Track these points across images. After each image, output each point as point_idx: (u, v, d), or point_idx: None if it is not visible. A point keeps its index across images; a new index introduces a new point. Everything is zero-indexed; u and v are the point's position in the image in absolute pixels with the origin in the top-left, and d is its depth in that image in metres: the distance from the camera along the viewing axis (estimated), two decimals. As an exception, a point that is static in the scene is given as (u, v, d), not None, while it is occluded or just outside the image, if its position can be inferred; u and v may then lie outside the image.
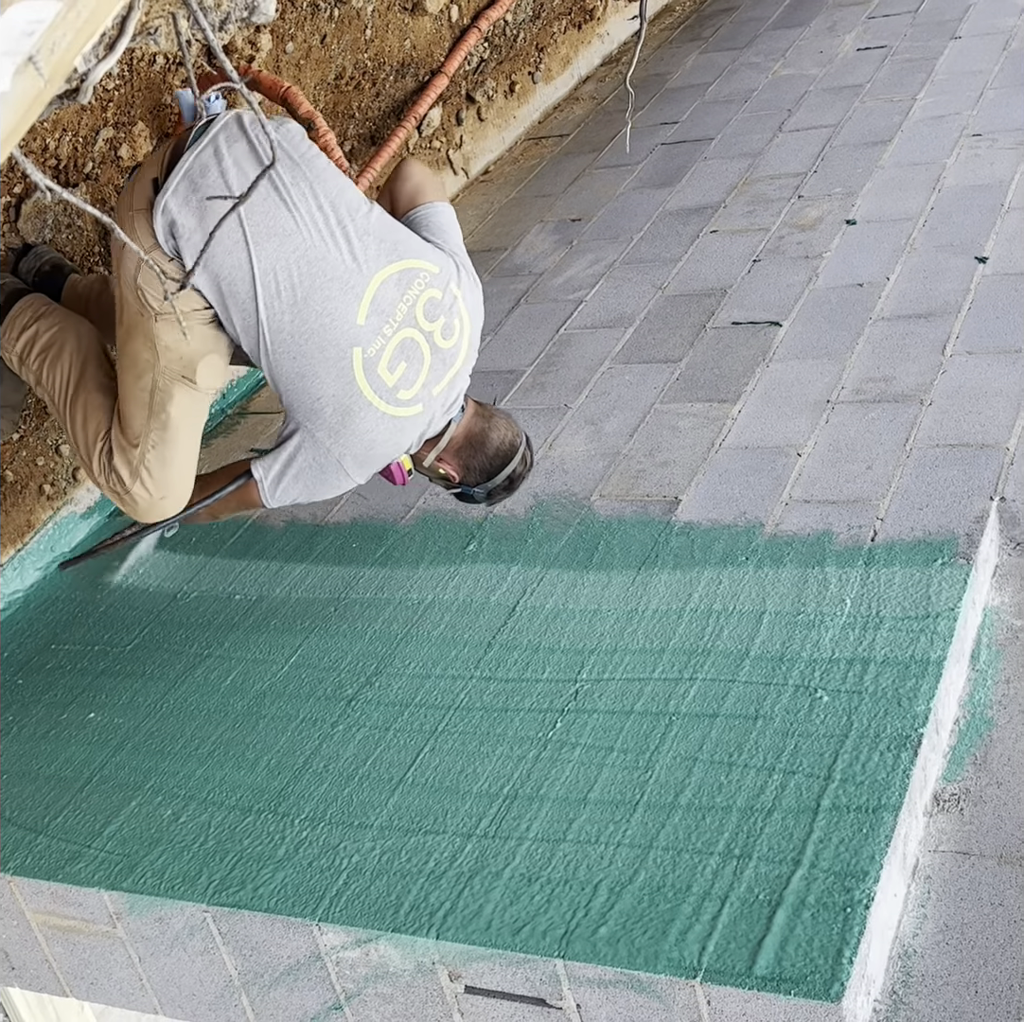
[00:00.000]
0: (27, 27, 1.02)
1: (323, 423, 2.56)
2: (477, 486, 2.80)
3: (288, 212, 2.46)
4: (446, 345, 2.63)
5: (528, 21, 5.09)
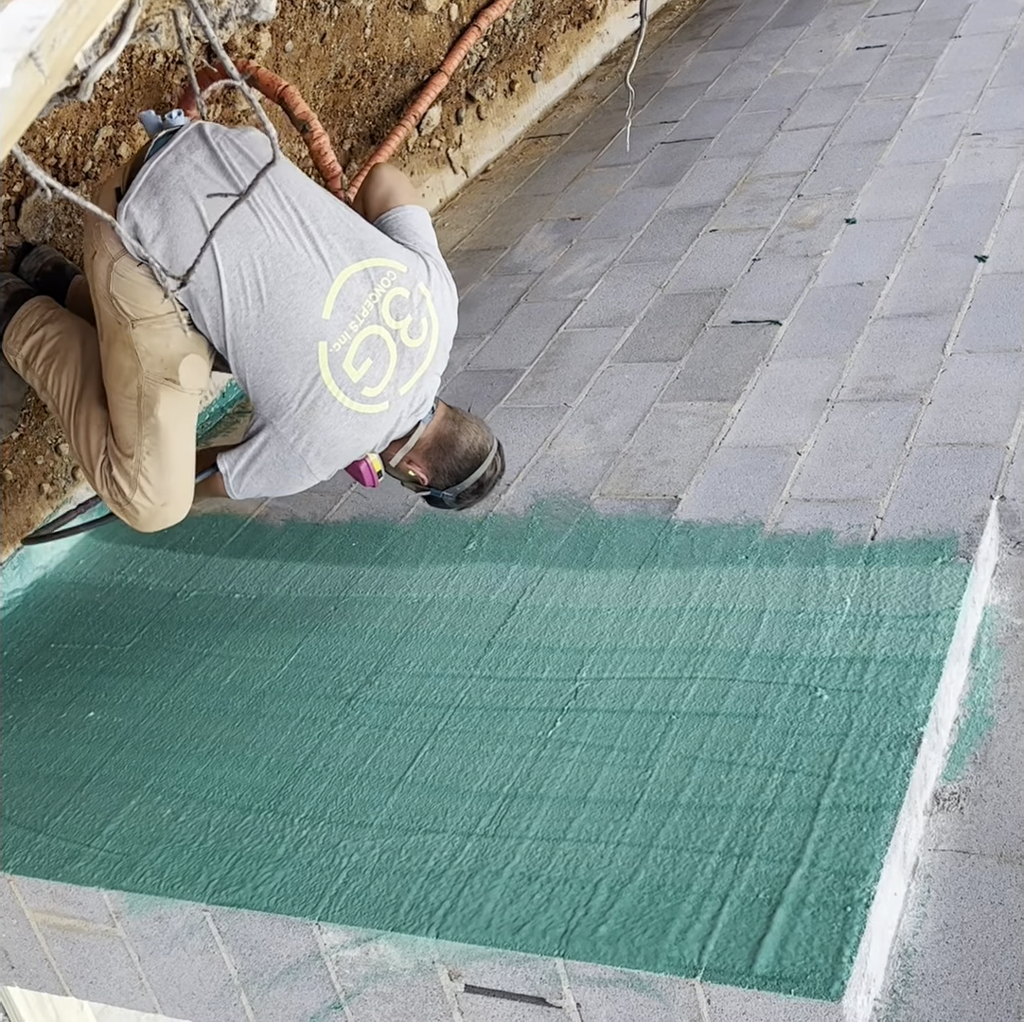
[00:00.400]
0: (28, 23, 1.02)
1: (288, 419, 2.58)
2: (446, 489, 2.82)
3: (251, 211, 2.49)
4: (413, 344, 2.65)
5: (528, 20, 5.09)
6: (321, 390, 2.55)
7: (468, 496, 2.85)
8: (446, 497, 2.84)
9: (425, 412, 2.75)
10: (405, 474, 2.82)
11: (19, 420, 3.24)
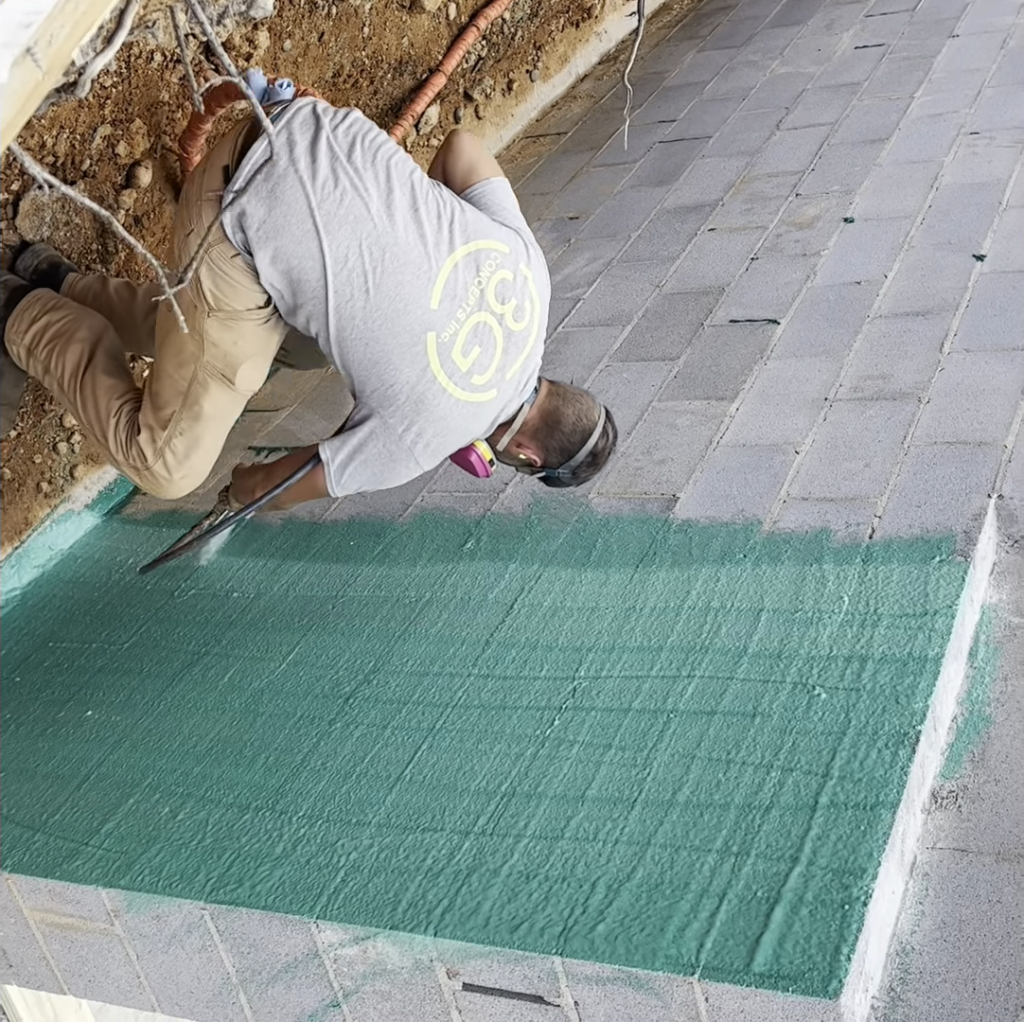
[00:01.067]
0: (25, 18, 1.02)
1: (396, 410, 2.52)
2: (561, 467, 2.73)
3: (359, 198, 2.43)
4: (518, 327, 2.58)
5: (526, 19, 5.09)
6: (431, 381, 2.50)
7: (584, 470, 2.76)
8: (562, 475, 2.76)
9: (529, 393, 2.68)
10: (516, 458, 2.74)
11: (17, 419, 3.24)
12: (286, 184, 2.41)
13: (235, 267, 2.46)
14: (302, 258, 2.42)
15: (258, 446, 3.67)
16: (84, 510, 3.51)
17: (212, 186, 2.47)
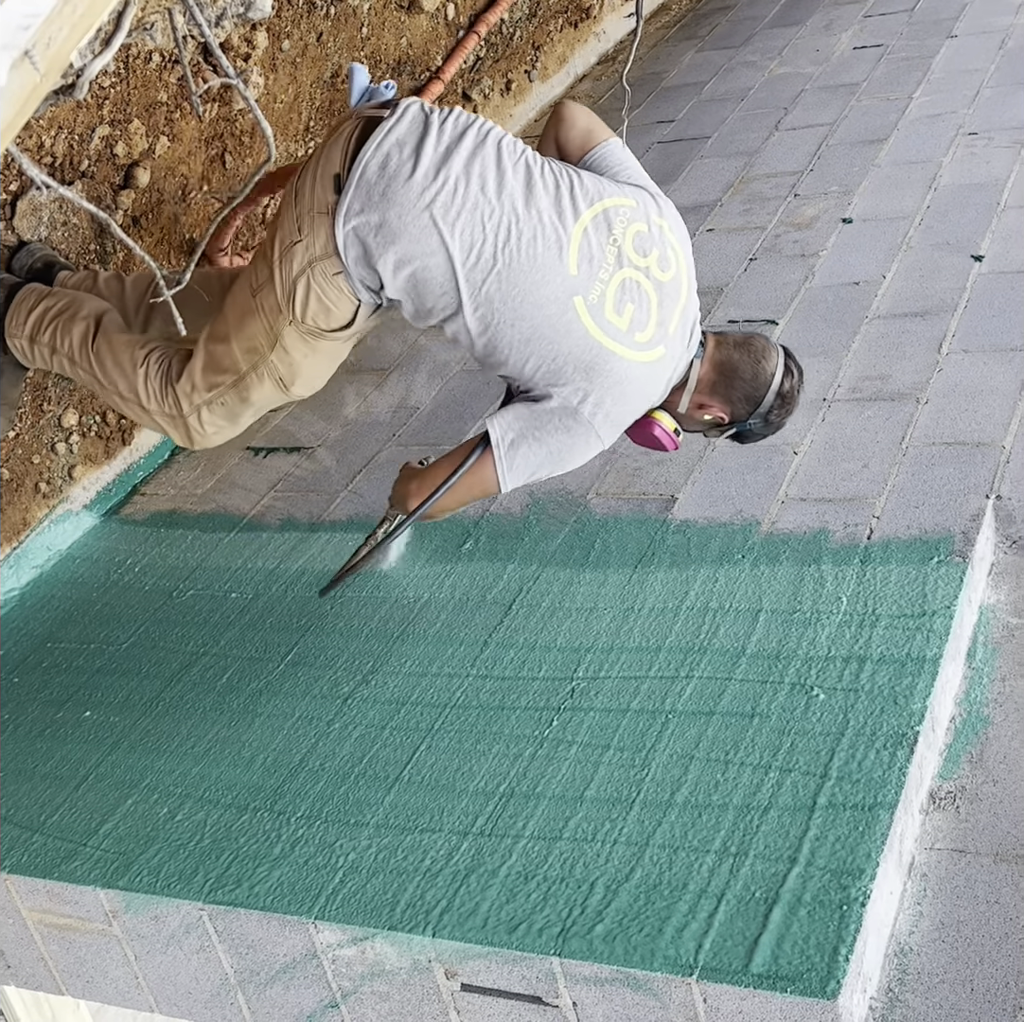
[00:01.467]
0: (23, 21, 1.02)
1: (567, 382, 2.43)
2: (751, 418, 2.60)
3: (474, 183, 2.41)
4: (666, 278, 2.49)
5: (525, 19, 5.09)
6: (595, 346, 2.41)
7: (776, 414, 2.62)
8: (754, 426, 2.62)
9: (695, 347, 2.57)
10: (702, 421, 2.62)
11: (16, 419, 3.24)
12: (396, 184, 2.38)
13: (334, 285, 2.46)
14: (424, 256, 2.38)
15: (256, 446, 3.67)
16: (82, 511, 3.51)
17: (325, 197, 2.43)
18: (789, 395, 2.62)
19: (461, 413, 3.53)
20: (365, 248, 2.40)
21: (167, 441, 3.76)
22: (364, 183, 2.39)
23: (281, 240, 2.47)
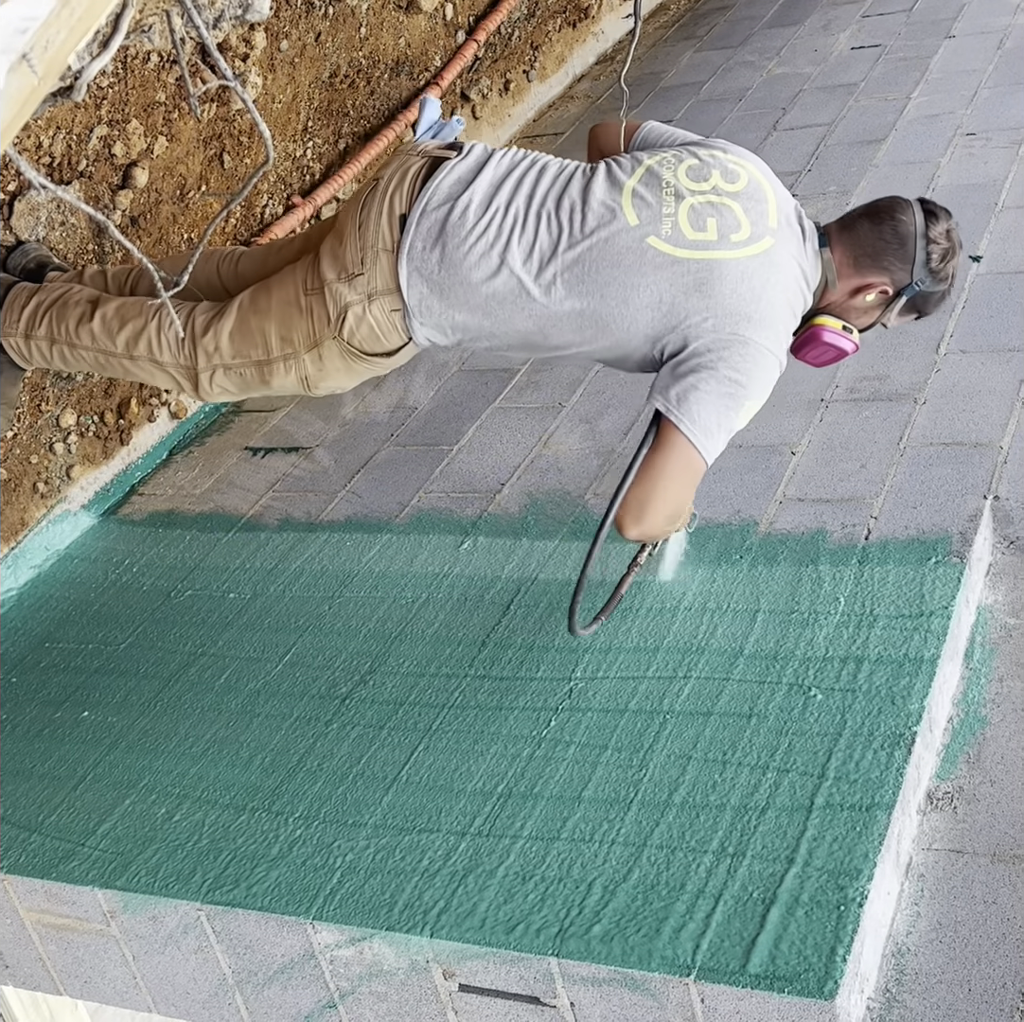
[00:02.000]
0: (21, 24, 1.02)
1: (688, 314, 2.33)
2: (914, 277, 2.44)
3: (521, 203, 2.43)
4: (739, 187, 2.41)
5: (523, 19, 5.09)
6: (693, 265, 2.33)
7: (938, 261, 2.45)
8: (924, 285, 2.46)
9: (814, 236, 2.45)
10: (867, 306, 2.50)
11: (14, 419, 3.24)
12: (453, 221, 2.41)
13: (390, 321, 2.46)
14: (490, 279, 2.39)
15: (254, 446, 3.67)
16: (81, 511, 3.51)
17: (391, 235, 2.43)
18: (943, 236, 2.45)
19: (459, 413, 3.53)
20: (430, 286, 2.40)
21: (165, 441, 3.76)
22: (425, 222, 2.41)
23: (344, 266, 2.47)
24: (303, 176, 4.04)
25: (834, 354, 2.53)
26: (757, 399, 2.37)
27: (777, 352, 2.37)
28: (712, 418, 2.32)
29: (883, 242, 2.43)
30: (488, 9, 4.83)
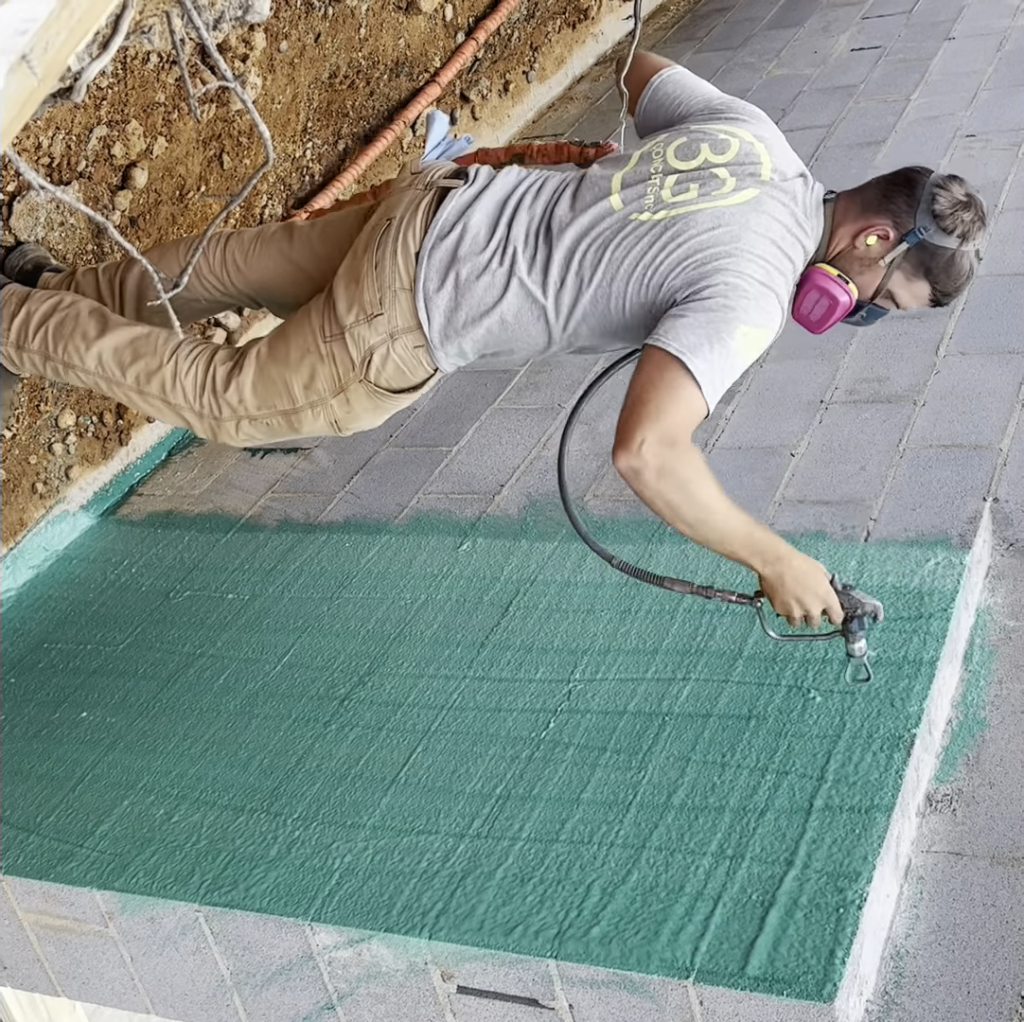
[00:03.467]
0: (21, 25, 1.02)
1: (676, 264, 2.23)
2: (919, 223, 2.27)
3: (524, 217, 2.41)
4: (728, 156, 2.33)
5: (522, 20, 5.09)
6: (670, 220, 2.26)
7: (951, 206, 2.28)
8: (929, 231, 2.27)
9: (821, 190, 2.35)
10: (866, 252, 2.30)
11: (12, 418, 3.23)
12: (463, 249, 2.39)
13: (414, 357, 2.44)
14: (498, 304, 2.37)
15: (253, 447, 3.67)
16: (79, 511, 3.50)
17: (408, 273, 2.41)
18: (958, 191, 2.30)
19: (459, 415, 3.53)
20: (448, 316, 2.39)
21: (164, 442, 3.76)
22: (436, 254, 2.39)
23: (362, 308, 2.43)
24: (302, 177, 4.04)
25: (827, 305, 2.31)
26: (755, 325, 2.17)
27: (769, 283, 2.20)
28: (699, 338, 2.14)
29: (893, 186, 2.33)
30: (488, 10, 4.83)
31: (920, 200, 2.27)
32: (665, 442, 2.10)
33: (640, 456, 2.09)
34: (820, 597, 2.22)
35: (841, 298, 2.30)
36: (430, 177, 2.52)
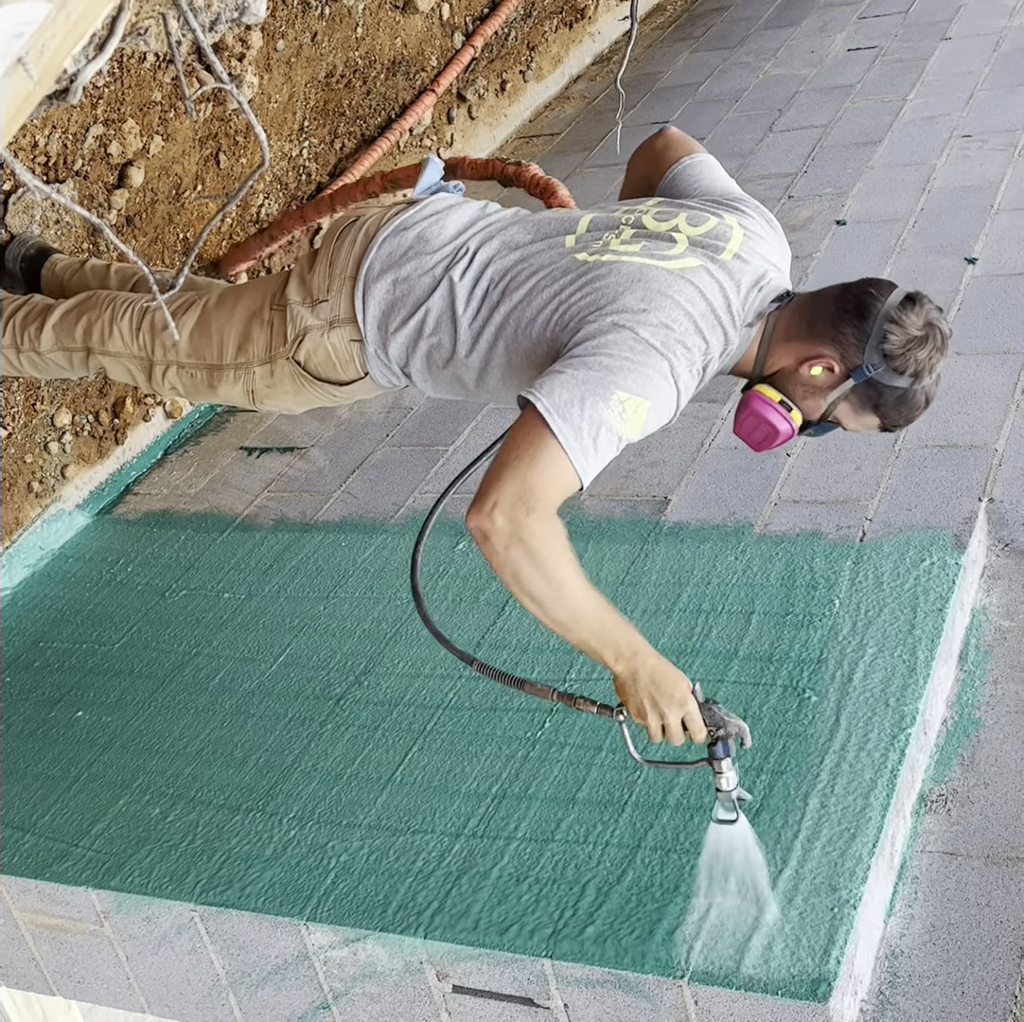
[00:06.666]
0: (16, 29, 1.02)
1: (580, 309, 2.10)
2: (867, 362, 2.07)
3: (480, 236, 2.35)
4: (700, 230, 2.20)
5: (519, 20, 5.09)
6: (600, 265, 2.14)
7: (904, 345, 2.07)
8: (877, 370, 2.07)
9: (775, 292, 2.15)
10: (816, 384, 2.11)
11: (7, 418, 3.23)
12: (417, 247, 2.33)
13: (348, 351, 2.38)
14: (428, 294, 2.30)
15: (249, 446, 3.67)
16: (75, 510, 3.50)
17: (354, 262, 2.36)
18: (913, 324, 2.10)
19: (454, 414, 3.53)
20: (384, 314, 2.32)
21: (160, 441, 3.76)
22: (387, 246, 2.34)
23: (309, 292, 2.40)
24: (299, 176, 4.04)
25: (765, 431, 2.16)
26: (633, 393, 2.00)
27: (665, 353, 2.02)
28: (572, 399, 1.98)
29: (843, 312, 2.10)
30: (485, 11, 4.83)
31: (870, 334, 2.07)
32: (520, 507, 1.98)
33: (491, 518, 1.98)
34: (676, 702, 1.95)
35: (781, 427, 2.14)
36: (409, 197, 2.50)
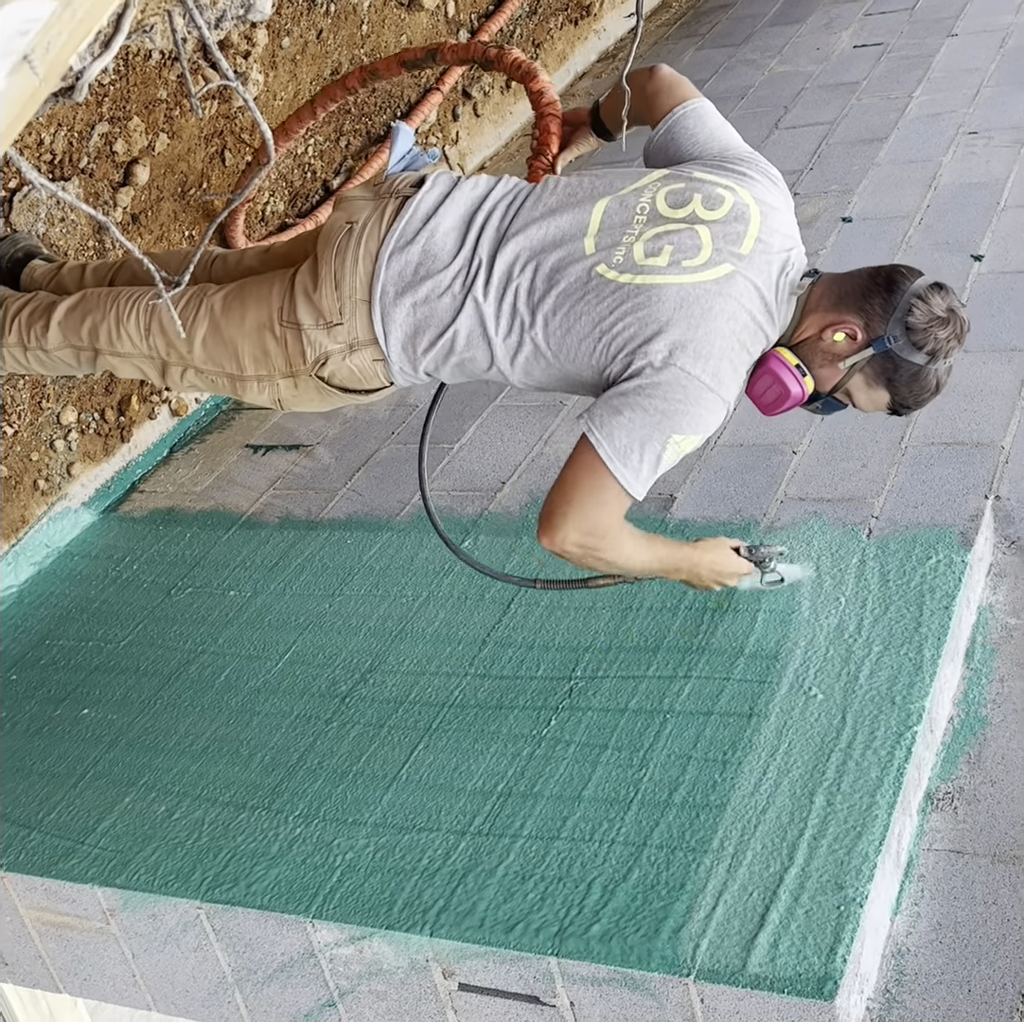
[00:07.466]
0: (22, 26, 1.02)
1: (627, 340, 2.16)
2: (889, 333, 2.18)
3: (491, 235, 2.33)
4: (718, 214, 2.23)
5: (525, 17, 5.09)
6: (633, 290, 2.16)
7: (927, 321, 2.17)
8: (898, 342, 2.18)
9: (801, 270, 2.25)
10: (836, 350, 2.23)
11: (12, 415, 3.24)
12: (426, 265, 2.32)
13: (372, 369, 2.38)
14: (450, 322, 2.30)
15: (255, 444, 3.67)
16: (81, 508, 3.51)
17: (365, 285, 2.33)
18: (939, 306, 2.18)
19: (460, 411, 3.53)
20: (405, 331, 2.32)
21: (166, 438, 3.76)
22: (395, 264, 2.32)
23: (321, 314, 2.37)
24: (304, 174, 4.04)
25: (777, 391, 2.28)
26: (689, 434, 2.17)
27: (716, 387, 2.16)
28: (631, 444, 2.15)
29: (874, 284, 2.22)
30: (490, 8, 4.83)
31: (896, 307, 2.17)
32: (589, 539, 2.22)
33: (564, 549, 2.22)
34: (733, 575, 2.42)
35: (793, 389, 2.25)
36: (395, 186, 2.44)
